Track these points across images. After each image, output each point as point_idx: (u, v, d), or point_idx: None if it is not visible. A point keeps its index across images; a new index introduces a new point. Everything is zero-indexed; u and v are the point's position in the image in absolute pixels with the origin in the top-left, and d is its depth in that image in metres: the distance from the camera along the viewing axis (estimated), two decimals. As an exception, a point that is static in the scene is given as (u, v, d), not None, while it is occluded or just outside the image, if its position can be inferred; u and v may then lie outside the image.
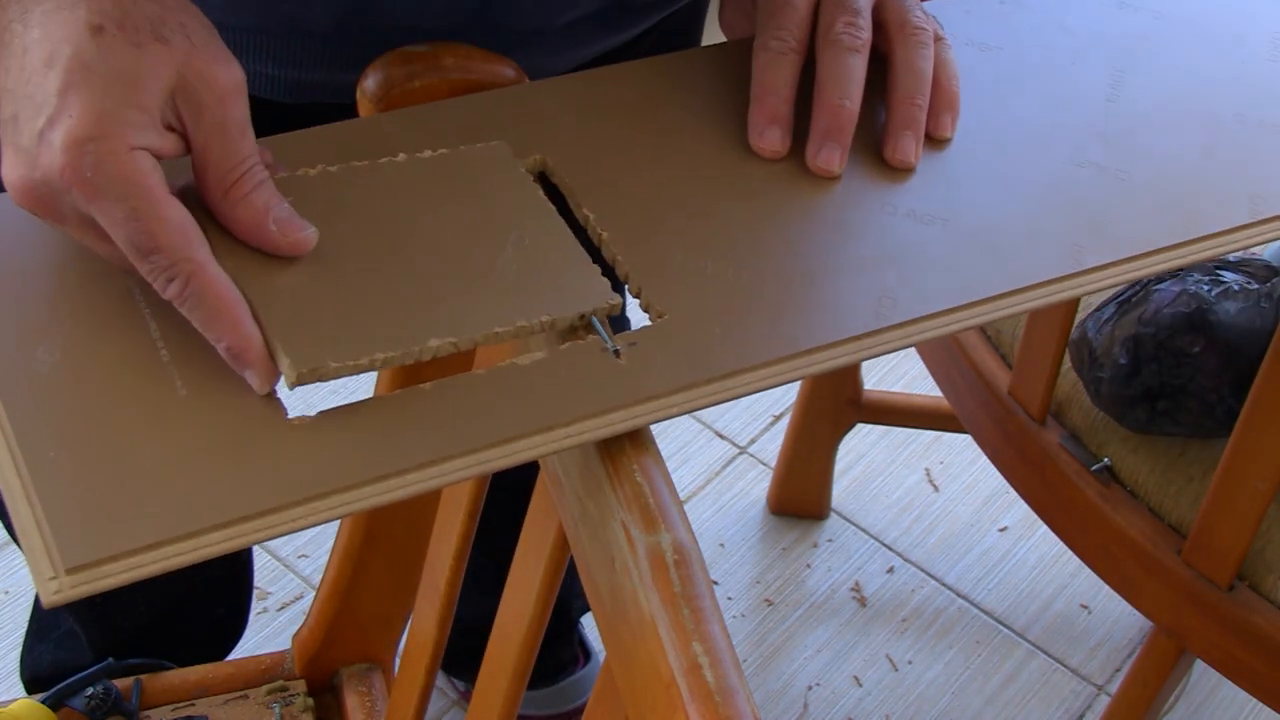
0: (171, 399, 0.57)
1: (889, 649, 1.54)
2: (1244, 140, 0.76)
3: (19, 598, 1.52)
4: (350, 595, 0.96)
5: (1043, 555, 1.63)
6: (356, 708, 0.98)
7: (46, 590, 0.52)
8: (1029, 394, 1.14)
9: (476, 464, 0.57)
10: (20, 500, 0.54)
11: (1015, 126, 0.75)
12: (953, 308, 0.65)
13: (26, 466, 0.55)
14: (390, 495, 0.56)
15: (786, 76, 0.72)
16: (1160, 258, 0.70)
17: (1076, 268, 0.68)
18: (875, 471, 1.71)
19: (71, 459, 0.55)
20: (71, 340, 0.59)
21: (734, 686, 0.53)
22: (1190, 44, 0.81)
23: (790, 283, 0.65)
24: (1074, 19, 0.82)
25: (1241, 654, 1.05)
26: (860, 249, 0.67)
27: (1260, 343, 1.02)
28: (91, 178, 0.56)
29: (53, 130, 0.57)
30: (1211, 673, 1.49)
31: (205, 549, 0.53)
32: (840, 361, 0.63)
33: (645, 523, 0.58)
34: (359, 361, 0.58)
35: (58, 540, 0.52)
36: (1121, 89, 0.77)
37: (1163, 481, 1.10)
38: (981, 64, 0.78)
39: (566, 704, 1.42)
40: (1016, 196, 0.71)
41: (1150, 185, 0.72)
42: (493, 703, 0.76)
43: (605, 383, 0.60)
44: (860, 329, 0.63)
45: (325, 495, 0.55)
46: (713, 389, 0.61)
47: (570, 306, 0.62)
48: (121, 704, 0.95)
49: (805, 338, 0.63)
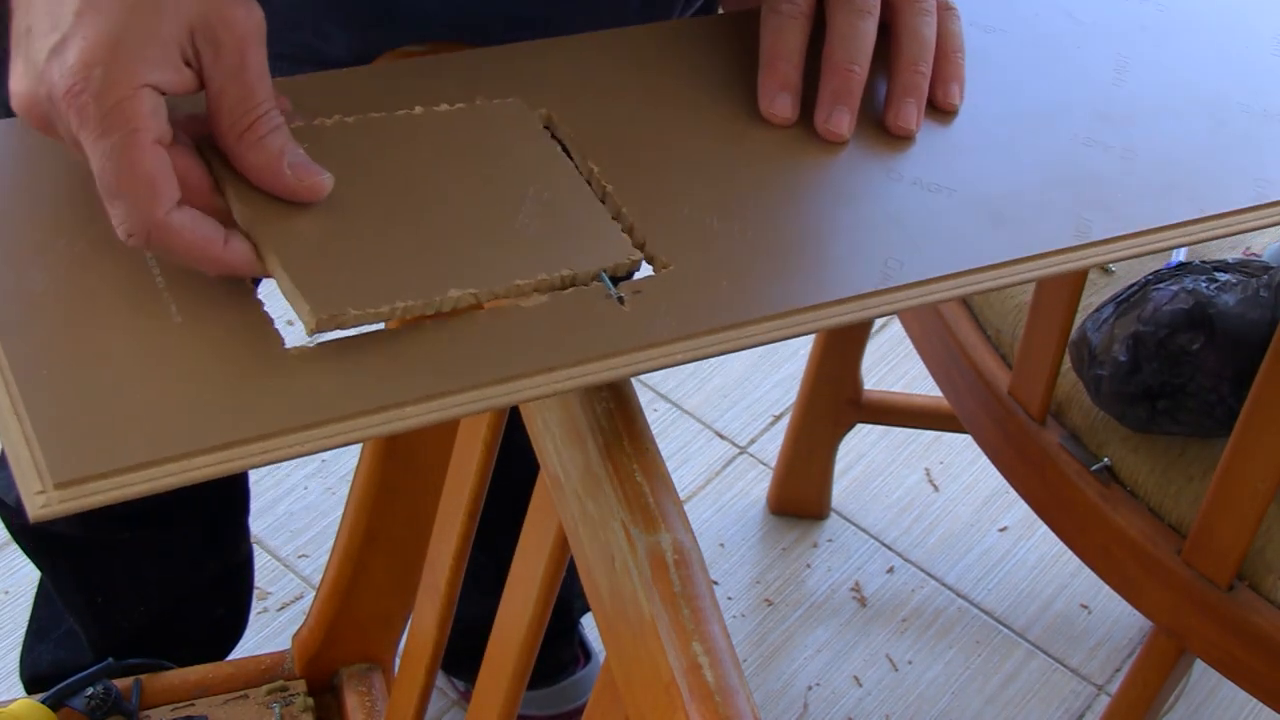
0: (167, 325, 0.57)
1: (889, 649, 1.54)
2: (1248, 130, 0.76)
3: (19, 598, 1.52)
4: (350, 595, 0.96)
5: (1043, 555, 1.63)
6: (356, 708, 0.98)
7: (34, 505, 0.51)
8: (1029, 394, 1.14)
9: (477, 400, 0.57)
10: (9, 415, 0.54)
11: (1021, 103, 0.75)
12: (958, 272, 0.65)
13: (16, 383, 0.54)
14: (388, 427, 0.55)
15: (797, 42, 0.71)
16: (1167, 235, 0.70)
17: (1083, 240, 0.68)
18: (875, 471, 1.71)
19: (63, 377, 0.54)
20: (66, 261, 0.59)
21: (734, 686, 0.53)
22: (1193, 36, 0.81)
23: (797, 242, 0.65)
24: (1077, 6, 0.82)
25: (1241, 654, 1.05)
26: (868, 213, 0.67)
27: (1260, 333, 1.02)
28: (87, 104, 0.56)
29: (64, 50, 0.56)
30: (1211, 673, 1.49)
31: (195, 471, 0.53)
32: (845, 319, 0.63)
33: (645, 523, 0.58)
34: (379, 309, 0.58)
35: (46, 455, 0.52)
36: (1126, 75, 0.77)
37: (1163, 481, 1.10)
38: (985, 44, 0.78)
39: (567, 704, 1.42)
40: (1023, 169, 0.71)
41: (1156, 166, 0.73)
42: (493, 703, 0.76)
43: (609, 328, 0.60)
44: (866, 289, 0.63)
45: (321, 424, 0.54)
46: (717, 339, 0.61)
47: (592, 261, 0.62)
48: (121, 704, 0.95)
49: (812, 294, 0.63)
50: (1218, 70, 0.79)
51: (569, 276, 0.61)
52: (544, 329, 0.59)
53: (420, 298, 0.58)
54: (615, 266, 0.62)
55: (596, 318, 0.60)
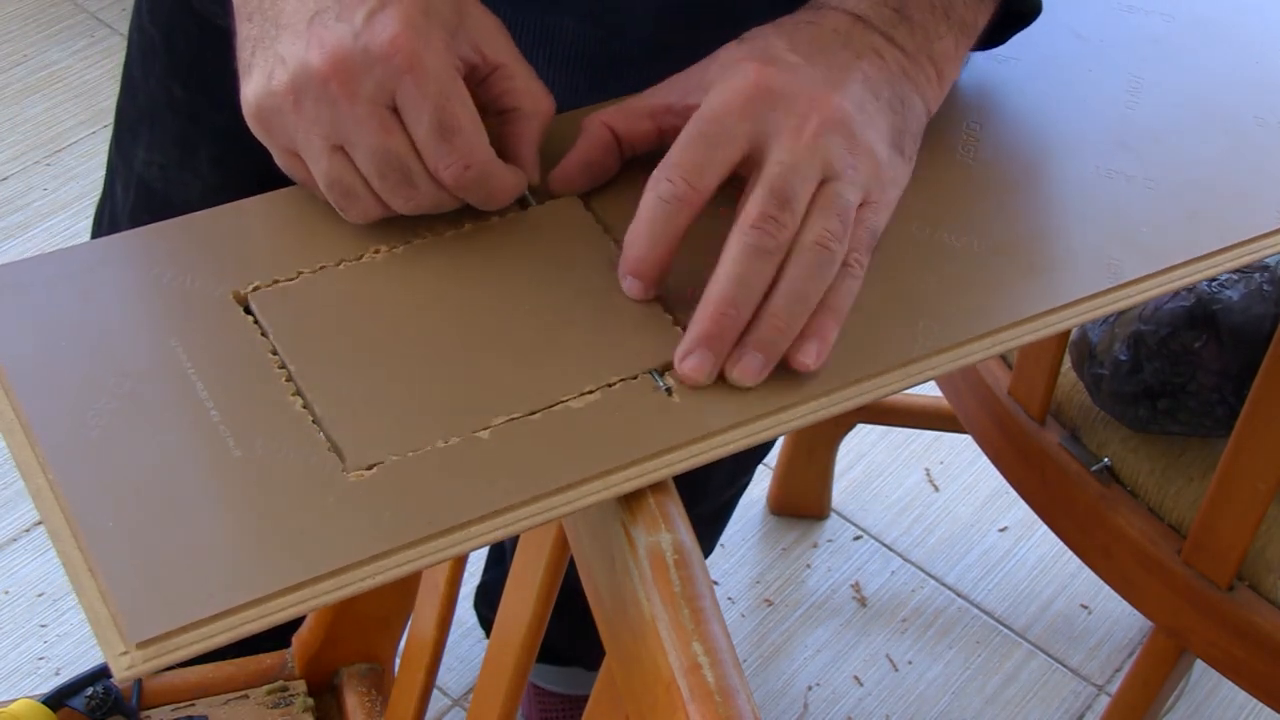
0: (226, 459, 0.56)
1: (889, 649, 1.54)
2: (1266, 144, 0.75)
3: (19, 598, 1.52)
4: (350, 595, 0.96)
5: (1043, 555, 1.63)
6: (356, 708, 0.98)
7: (119, 666, 0.50)
8: (1029, 394, 1.14)
9: (541, 512, 0.56)
10: (83, 573, 0.52)
11: (1039, 138, 0.74)
12: (993, 330, 0.64)
13: (85, 538, 0.53)
14: (457, 549, 0.55)
15: (665, 230, 0.62)
16: (1198, 267, 0.69)
17: (1115, 281, 0.67)
18: (875, 471, 1.71)
19: (131, 528, 0.53)
20: (118, 401, 0.58)
21: (734, 686, 0.53)
22: (1202, 46, 0.81)
23: None
24: (1086, 24, 0.81)
25: (1241, 654, 1.05)
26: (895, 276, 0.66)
27: (1264, 328, 1.02)
28: (416, 51, 0.61)
29: (385, 11, 0.62)
30: (1211, 673, 1.48)
31: (274, 615, 0.52)
32: (878, 393, 0.62)
33: (645, 523, 0.58)
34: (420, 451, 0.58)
35: (124, 613, 0.51)
36: (1140, 95, 0.77)
37: (1163, 481, 1.10)
38: (999, 76, 0.77)
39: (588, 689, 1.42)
40: (1048, 211, 0.70)
41: (1178, 192, 0.72)
42: (493, 703, 0.76)
43: (660, 422, 0.59)
44: (904, 359, 0.63)
45: (392, 553, 0.54)
46: (767, 423, 0.60)
47: (643, 362, 0.62)
48: (121, 704, 0.95)
49: (856, 368, 0.62)
50: (1230, 82, 0.79)
51: (616, 382, 0.61)
52: (597, 430, 0.59)
53: (463, 433, 0.58)
54: (664, 364, 0.61)
55: (648, 413, 0.60)
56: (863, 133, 0.64)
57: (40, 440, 0.56)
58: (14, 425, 0.57)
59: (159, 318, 0.61)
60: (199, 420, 0.57)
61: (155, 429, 0.57)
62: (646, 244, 0.62)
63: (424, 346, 0.61)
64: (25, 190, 1.91)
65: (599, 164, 0.68)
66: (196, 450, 0.56)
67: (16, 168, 1.94)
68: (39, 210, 1.89)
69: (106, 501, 0.54)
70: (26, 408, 0.57)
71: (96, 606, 0.52)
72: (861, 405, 0.62)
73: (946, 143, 0.72)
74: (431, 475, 0.56)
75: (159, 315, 0.61)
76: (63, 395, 0.58)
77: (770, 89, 0.63)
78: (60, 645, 1.47)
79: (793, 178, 0.61)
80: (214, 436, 0.57)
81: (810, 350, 0.61)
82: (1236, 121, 0.76)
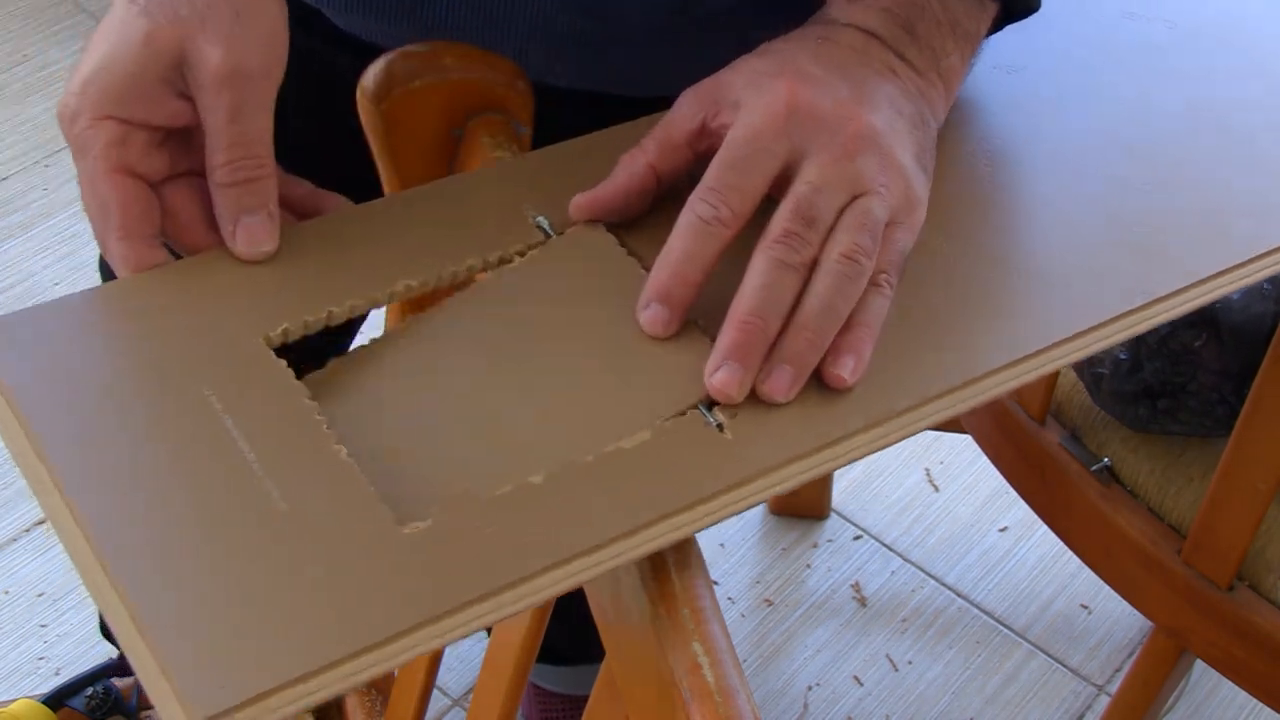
0: (273, 514, 0.53)
1: (889, 649, 1.54)
2: (1276, 150, 0.74)
3: (19, 598, 1.52)
4: (350, 595, 0.96)
5: (1043, 555, 1.63)
6: (356, 708, 0.98)
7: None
8: (1029, 394, 1.14)
9: (603, 561, 0.54)
10: (141, 648, 0.50)
11: (1053, 154, 0.73)
12: (1020, 358, 0.62)
13: (140, 611, 0.50)
14: (523, 603, 0.53)
15: (702, 252, 0.61)
16: (1218, 283, 0.68)
17: (1140, 301, 0.65)
18: (875, 471, 1.71)
19: (185, 597, 0.51)
20: (159, 465, 0.55)
21: (734, 686, 0.53)
22: (1206, 51, 0.80)
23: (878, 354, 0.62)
24: (1088, 32, 0.80)
25: (1241, 654, 1.05)
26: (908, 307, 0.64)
27: (1265, 326, 1.02)
28: (65, 130, 0.62)
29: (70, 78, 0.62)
30: (1211, 673, 1.48)
31: (339, 684, 0.50)
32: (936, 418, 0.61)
33: (645, 523, 0.58)
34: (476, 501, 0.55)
35: (187, 690, 0.48)
36: (1150, 103, 0.76)
37: (1163, 481, 1.10)
38: (1009, 89, 0.76)
39: None
40: (1068, 231, 0.69)
41: (1192, 202, 0.71)
42: (493, 703, 0.76)
43: (715, 460, 0.57)
44: (931, 394, 0.61)
45: (455, 611, 0.51)
46: (824, 456, 0.59)
47: (688, 397, 0.59)
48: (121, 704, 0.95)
49: (897, 400, 0.60)
50: (1235, 86, 0.78)
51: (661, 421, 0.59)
52: (651, 470, 0.57)
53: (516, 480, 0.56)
54: (705, 398, 0.59)
55: (702, 451, 0.57)
56: (893, 150, 0.63)
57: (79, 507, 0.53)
58: (48, 486, 0.55)
59: (190, 364, 0.58)
60: (239, 469, 0.55)
61: (196, 484, 0.54)
62: (681, 265, 0.61)
63: (465, 388, 0.60)
64: (25, 190, 1.91)
65: (637, 206, 0.66)
66: (244, 508, 0.54)
67: (16, 168, 1.94)
68: (39, 210, 1.89)
69: (159, 572, 0.52)
70: (60, 469, 0.54)
71: (157, 682, 0.49)
72: (919, 431, 0.61)
73: (949, 154, 0.71)
74: (488, 525, 0.54)
75: (189, 362, 0.59)
76: (101, 465, 0.55)
77: (803, 107, 0.62)
78: (60, 645, 1.47)
79: (819, 197, 0.61)
80: (257, 488, 0.54)
81: (846, 364, 0.60)
82: (1246, 127, 0.75)
